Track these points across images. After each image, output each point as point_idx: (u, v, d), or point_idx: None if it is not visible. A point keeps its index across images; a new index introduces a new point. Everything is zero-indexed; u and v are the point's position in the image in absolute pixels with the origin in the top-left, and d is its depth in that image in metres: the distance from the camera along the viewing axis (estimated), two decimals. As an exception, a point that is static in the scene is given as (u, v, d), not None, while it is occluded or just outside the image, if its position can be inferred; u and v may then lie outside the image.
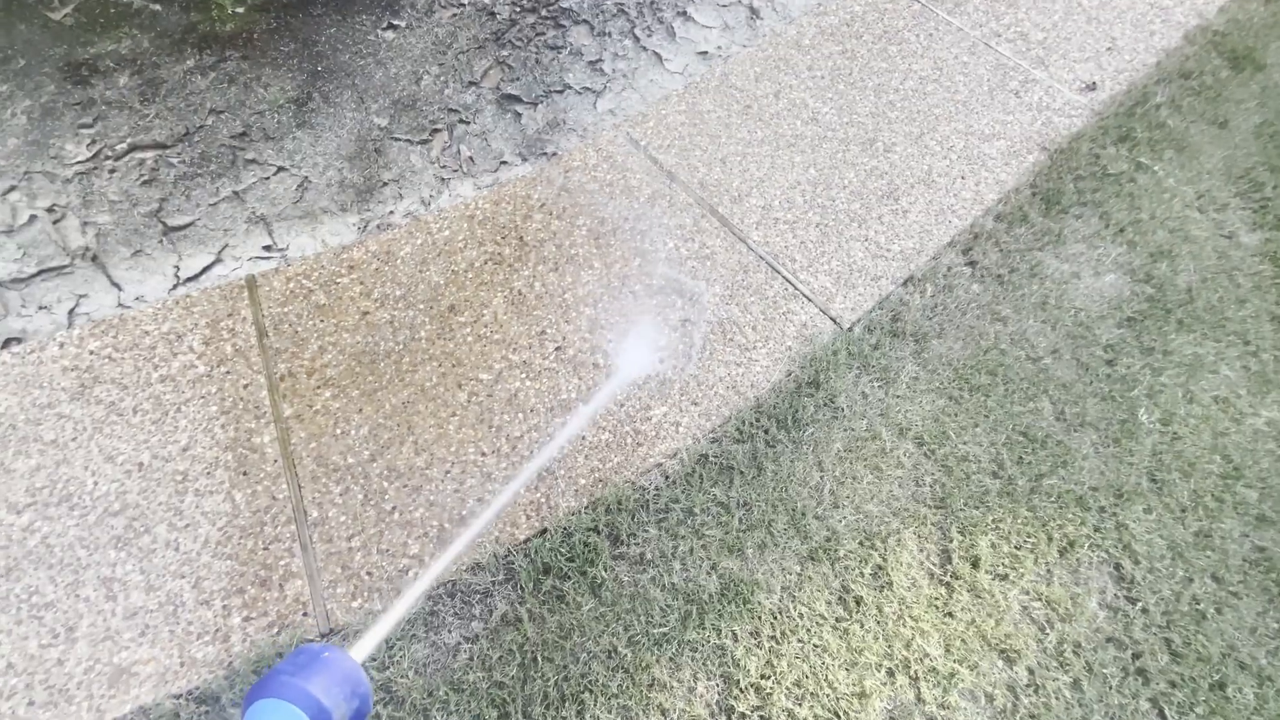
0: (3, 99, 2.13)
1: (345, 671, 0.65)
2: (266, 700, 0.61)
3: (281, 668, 0.64)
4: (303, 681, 0.62)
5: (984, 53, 2.31)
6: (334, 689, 0.63)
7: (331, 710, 0.62)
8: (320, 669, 0.64)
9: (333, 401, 1.61)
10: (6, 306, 1.76)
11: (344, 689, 0.64)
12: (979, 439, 1.60)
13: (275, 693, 0.61)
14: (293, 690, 0.61)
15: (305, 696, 0.61)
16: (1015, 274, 1.84)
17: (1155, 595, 1.43)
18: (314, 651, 0.66)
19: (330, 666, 0.65)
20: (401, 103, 2.21)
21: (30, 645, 1.33)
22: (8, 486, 1.48)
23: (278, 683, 0.62)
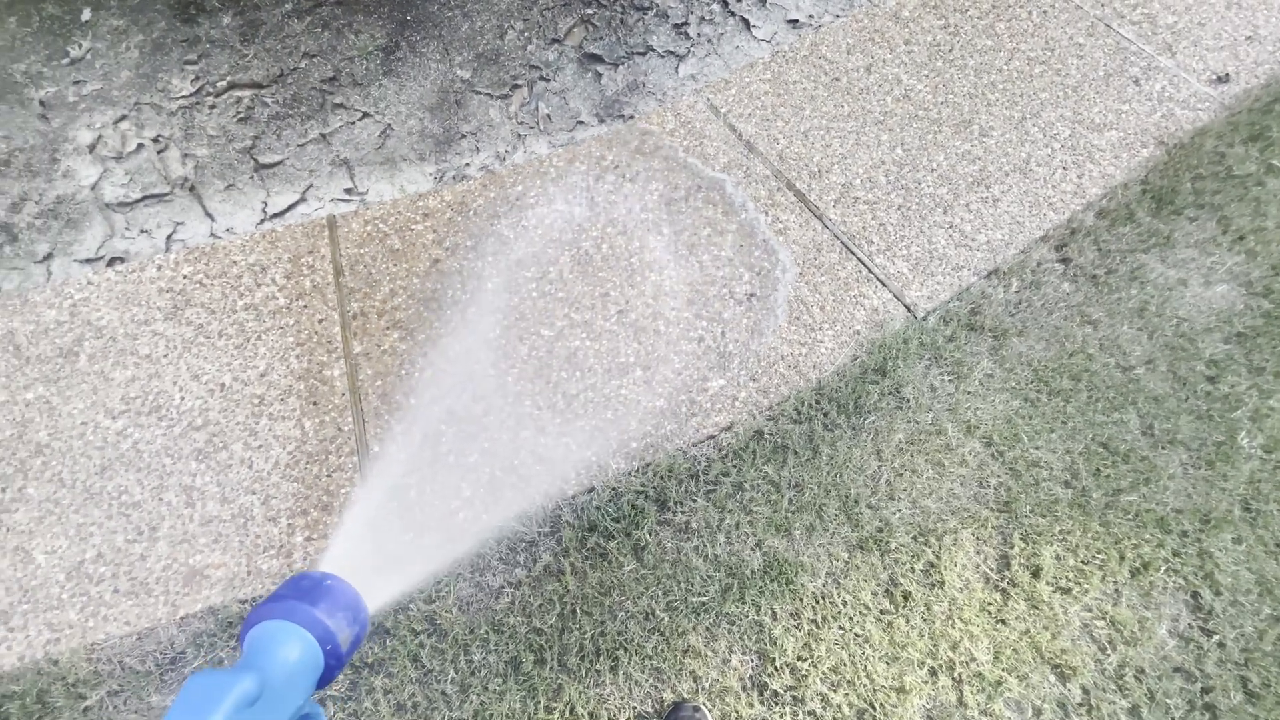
0: (118, 33, 2.26)
1: (348, 597, 0.65)
2: (273, 621, 0.60)
3: (282, 591, 0.63)
4: (308, 605, 0.61)
5: (1103, 34, 2.13)
6: (337, 613, 0.63)
7: (336, 633, 0.62)
8: (324, 594, 0.63)
9: (400, 343, 1.66)
10: (113, 227, 1.89)
11: (346, 614, 0.64)
12: (1054, 445, 1.51)
13: (282, 615, 0.60)
14: (300, 613, 0.61)
15: (312, 618, 0.60)
16: (1113, 276, 1.71)
17: (1235, 630, 1.33)
18: (316, 578, 0.66)
19: (333, 592, 0.64)
20: (485, 56, 2.22)
21: (118, 539, 1.44)
22: (106, 393, 1.60)
23: (284, 606, 0.61)
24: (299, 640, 0.60)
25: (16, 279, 1.80)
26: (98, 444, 1.54)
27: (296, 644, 0.59)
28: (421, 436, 1.54)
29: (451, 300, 1.71)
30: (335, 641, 0.61)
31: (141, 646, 1.33)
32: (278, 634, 0.60)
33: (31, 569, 1.41)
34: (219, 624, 1.34)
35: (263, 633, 0.60)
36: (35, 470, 1.51)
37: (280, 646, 0.59)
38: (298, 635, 0.60)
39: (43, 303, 1.73)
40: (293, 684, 0.58)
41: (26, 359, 1.64)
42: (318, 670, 0.61)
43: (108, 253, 1.84)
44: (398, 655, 1.31)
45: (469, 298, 1.72)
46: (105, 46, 2.22)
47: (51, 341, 1.67)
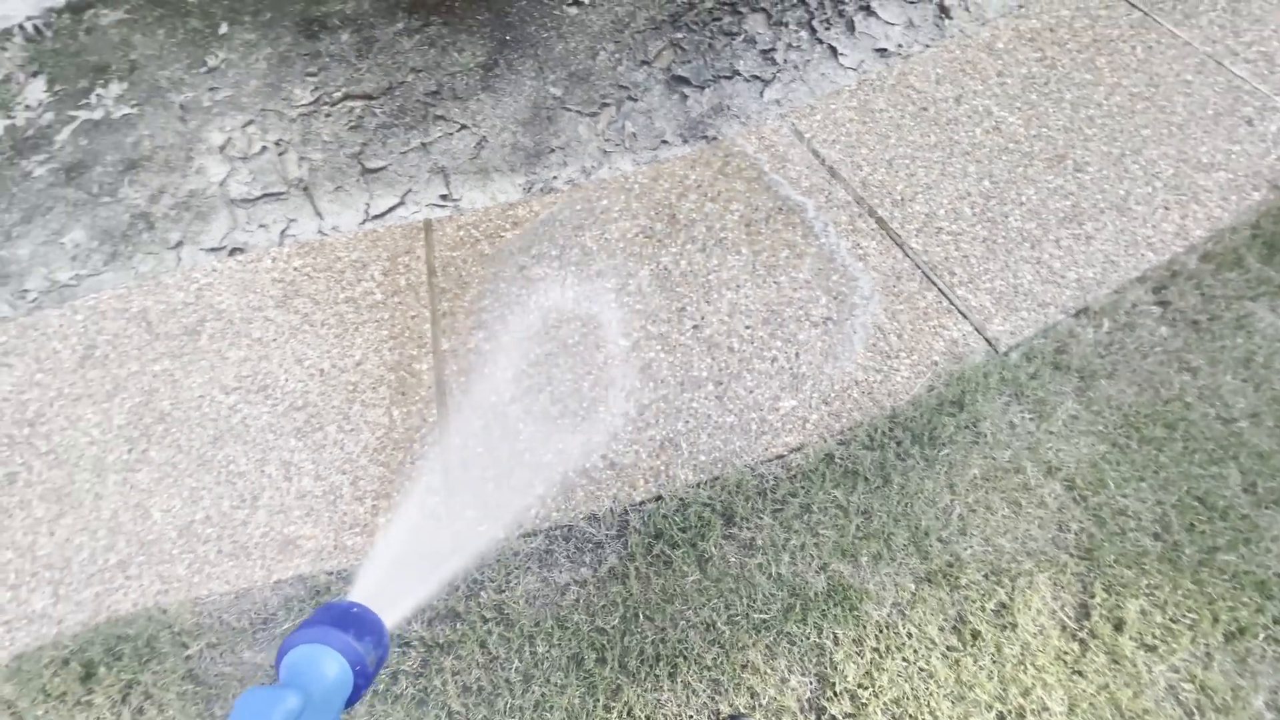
0: (250, 45, 2.49)
1: (373, 624, 0.73)
2: (310, 645, 0.68)
3: (315, 618, 0.71)
4: (340, 631, 0.69)
5: (1214, 72, 2.05)
6: (365, 638, 0.71)
7: (364, 655, 0.69)
8: (352, 621, 0.71)
9: (484, 343, 1.75)
10: (235, 220, 2.07)
11: (372, 638, 0.72)
12: (1143, 495, 1.45)
13: (318, 640, 0.68)
14: (333, 638, 0.68)
15: (344, 643, 0.68)
16: (1216, 323, 1.63)
17: (1344, 711, 1.23)
18: (344, 606, 0.74)
19: (361, 620, 0.72)
20: (576, 75, 2.33)
21: (224, 504, 1.57)
22: (222, 371, 1.75)
23: (319, 631, 0.69)
24: (334, 662, 0.67)
25: (151, 263, 2.00)
26: (212, 416, 1.68)
27: (332, 665, 0.67)
28: (500, 433, 1.62)
29: (535, 305, 1.79)
30: (364, 664, 0.69)
31: (239, 605, 1.45)
32: (315, 657, 0.67)
33: (149, 524, 1.55)
34: (308, 591, 1.44)
35: (301, 656, 0.68)
36: (158, 435, 1.66)
37: (317, 668, 0.67)
38: (333, 658, 0.68)
39: (173, 285, 1.92)
40: (329, 702, 0.66)
41: (156, 335, 1.82)
42: (348, 690, 0.68)
43: (229, 243, 2.03)
44: (467, 640, 1.37)
45: (550, 304, 1.79)
46: (238, 57, 2.45)
47: (178, 320, 1.84)
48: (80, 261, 2.02)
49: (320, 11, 2.54)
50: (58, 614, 1.46)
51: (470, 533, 1.49)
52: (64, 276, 2.00)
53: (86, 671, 1.37)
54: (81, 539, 1.54)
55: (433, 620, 1.41)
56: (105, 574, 1.50)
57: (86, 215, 2.11)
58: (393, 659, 1.36)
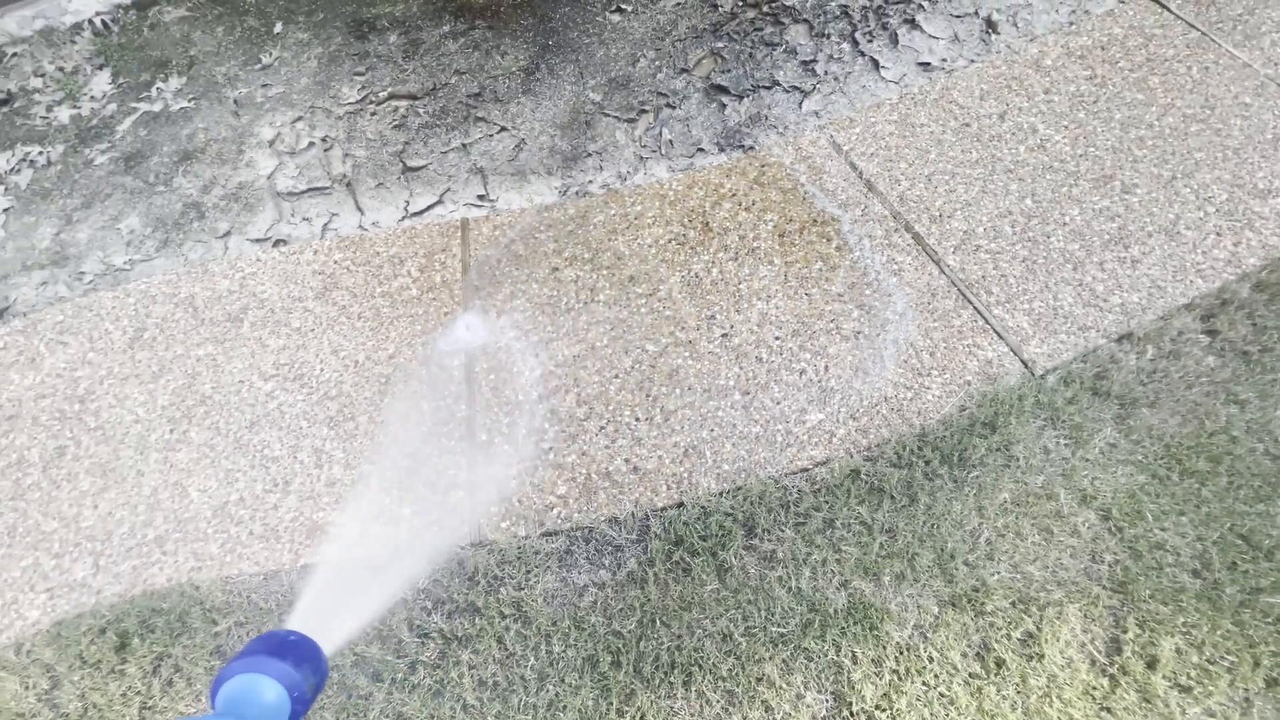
0: (302, 45, 2.57)
1: (310, 650, 0.75)
2: (247, 675, 0.69)
3: (252, 648, 0.73)
4: (276, 659, 0.70)
5: (1275, 95, 1.97)
6: (303, 664, 0.72)
7: (303, 681, 0.71)
8: (289, 649, 0.73)
9: (514, 342, 1.77)
10: (281, 213, 2.14)
11: (310, 665, 0.73)
12: (1183, 530, 1.40)
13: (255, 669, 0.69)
14: (270, 666, 0.70)
15: (280, 670, 0.70)
16: (1268, 355, 1.57)
17: (1394, 770, 1.17)
18: (281, 635, 0.75)
19: (297, 647, 0.74)
20: (616, 81, 2.35)
21: (257, 488, 1.62)
22: (261, 358, 1.81)
23: (255, 660, 0.70)
24: (270, 689, 0.69)
25: (200, 251, 2.08)
26: (250, 401, 1.74)
27: (268, 692, 0.69)
28: (525, 432, 1.64)
29: (565, 307, 1.81)
30: (301, 689, 0.71)
31: (267, 586, 1.49)
32: (250, 685, 0.69)
33: (186, 503, 1.61)
34: (333, 577, 1.48)
35: (236, 687, 0.69)
36: (198, 417, 1.72)
37: (255, 696, 0.69)
38: (269, 685, 0.69)
39: (219, 273, 1.98)
40: None
41: (202, 320, 1.89)
42: (285, 715, 0.70)
43: (274, 235, 2.09)
44: (485, 635, 1.39)
45: (581, 306, 1.81)
46: (290, 56, 2.53)
47: (223, 307, 1.90)
48: (134, 247, 2.11)
49: (370, 13, 2.62)
50: (97, 584, 1.52)
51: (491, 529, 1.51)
52: (119, 261, 2.08)
53: (121, 642, 1.42)
54: (123, 513, 1.60)
55: (452, 613, 1.43)
56: (143, 548, 1.56)
57: (142, 203, 2.20)
58: (411, 649, 1.38)
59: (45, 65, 2.58)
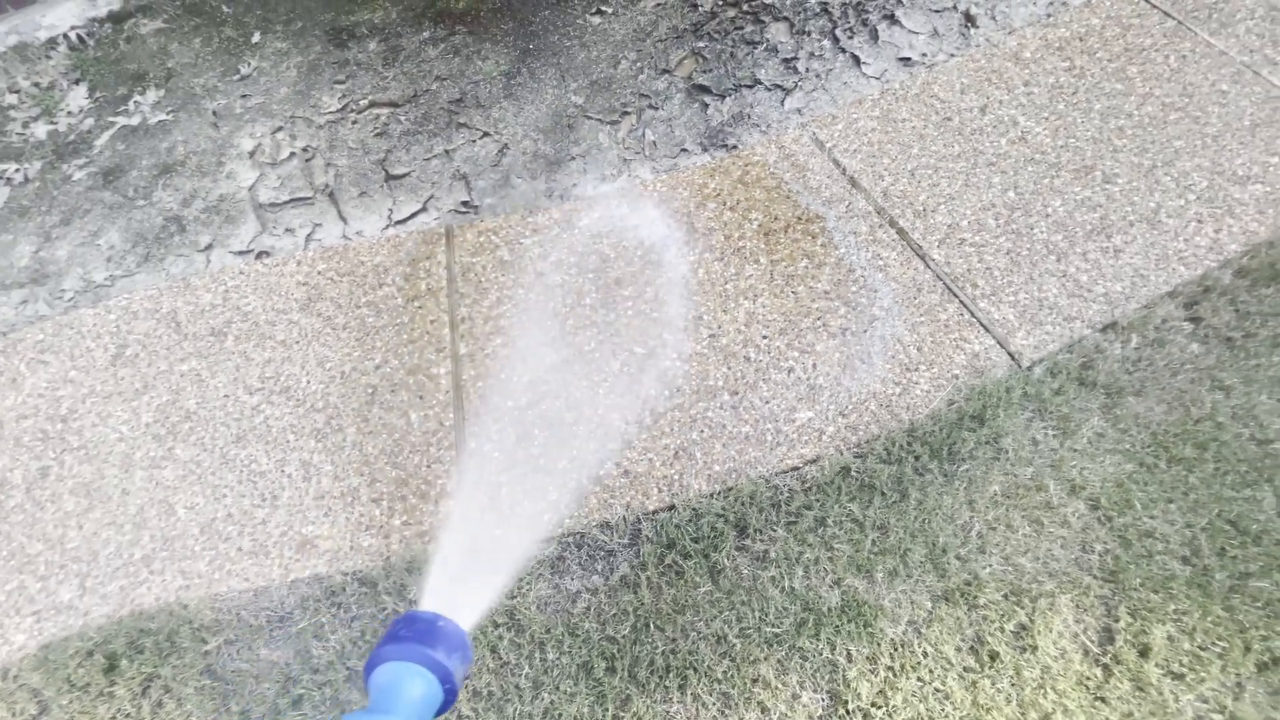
0: (281, 54, 2.55)
1: (459, 638, 0.73)
2: (401, 664, 0.68)
3: (402, 632, 0.71)
4: (428, 647, 0.69)
5: (1251, 82, 1.99)
6: (453, 654, 0.71)
7: (453, 672, 0.70)
8: (439, 636, 0.71)
9: (502, 348, 1.77)
10: (263, 224, 2.12)
11: (459, 653, 0.72)
12: (1172, 517, 1.40)
13: (408, 658, 0.68)
14: (423, 655, 0.69)
15: (433, 661, 0.69)
16: (1252, 340, 1.58)
17: (1385, 750, 1.18)
18: (429, 619, 0.74)
19: (447, 634, 0.72)
20: (598, 84, 2.34)
21: (245, 503, 1.60)
22: (246, 371, 1.79)
23: (407, 648, 0.69)
24: (424, 681, 0.68)
25: (182, 265, 2.06)
26: (235, 416, 1.72)
27: (422, 684, 0.68)
28: (515, 438, 1.63)
29: (552, 312, 1.81)
30: (453, 681, 0.70)
31: (257, 602, 1.47)
32: (405, 676, 0.68)
33: (173, 520, 1.59)
34: (323, 591, 1.46)
35: (391, 674, 0.68)
36: (183, 433, 1.70)
37: (409, 688, 0.68)
38: (423, 677, 0.68)
39: (201, 287, 1.96)
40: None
41: (184, 335, 1.87)
42: (437, 706, 0.69)
43: (257, 247, 2.07)
44: (478, 644, 1.38)
45: (568, 310, 1.80)
46: (269, 65, 2.51)
47: (206, 321, 1.89)
48: (115, 263, 2.08)
49: (349, 21, 2.60)
50: (84, 606, 1.50)
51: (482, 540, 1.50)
52: (99, 277, 2.06)
53: (109, 664, 1.40)
54: (108, 533, 1.58)
55: (445, 623, 1.42)
56: (130, 568, 1.54)
57: (122, 218, 2.18)
58: (405, 661, 1.37)
59: (20, 81, 2.55)
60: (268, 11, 2.67)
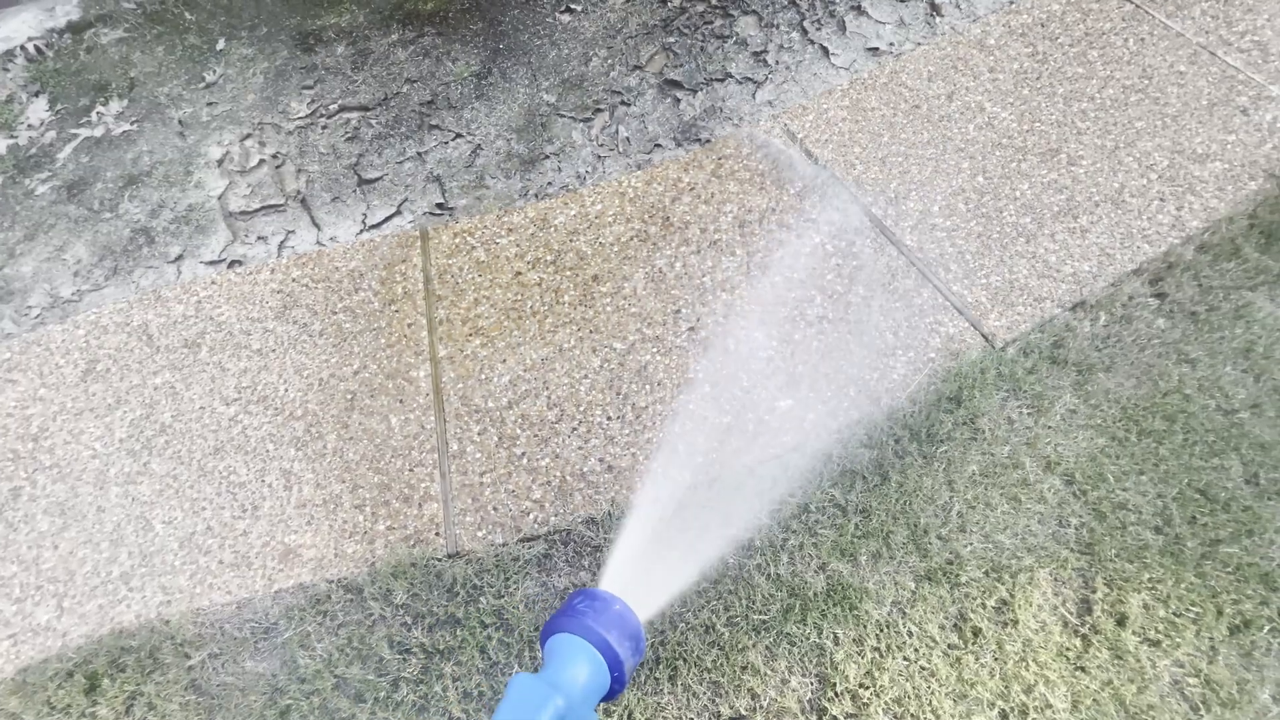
0: (247, 60, 2.52)
1: (635, 628, 0.71)
2: (580, 640, 0.66)
3: (583, 606, 0.69)
4: (607, 631, 0.67)
5: (1208, 63, 2.04)
6: (626, 642, 0.68)
7: (624, 662, 0.68)
8: (618, 622, 0.69)
9: (481, 349, 1.76)
10: (235, 233, 2.09)
11: (633, 643, 0.69)
12: (1144, 488, 1.44)
13: (587, 635, 0.66)
14: (602, 639, 0.66)
15: (610, 647, 0.67)
16: (1215, 314, 1.62)
17: (1352, 704, 1.21)
18: (608, 600, 0.71)
19: (626, 622, 0.70)
20: (570, 82, 2.34)
21: (225, 515, 1.58)
22: (222, 382, 1.77)
23: (588, 627, 0.67)
24: (598, 666, 0.67)
25: (152, 277, 2.02)
26: (212, 427, 1.70)
27: (596, 668, 0.67)
28: (498, 438, 1.62)
29: (530, 311, 1.80)
30: (623, 671, 0.68)
31: (240, 614, 1.45)
32: (581, 655, 0.66)
33: (151, 536, 1.56)
34: (308, 600, 1.45)
35: (568, 646, 0.67)
36: (159, 447, 1.68)
37: (582, 667, 0.66)
38: (597, 662, 0.67)
39: (173, 298, 1.93)
40: (587, 703, 0.65)
41: (157, 348, 1.84)
42: (603, 693, 0.68)
43: (229, 256, 2.04)
44: (467, 645, 1.37)
45: (547, 309, 1.80)
46: (235, 72, 2.48)
47: (179, 333, 1.86)
48: (82, 277, 2.04)
49: (315, 25, 2.57)
50: (62, 626, 1.47)
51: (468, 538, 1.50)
52: (66, 292, 2.02)
53: (90, 684, 1.38)
54: (85, 552, 1.55)
55: (432, 626, 1.41)
56: (108, 586, 1.51)
57: (88, 231, 2.14)
58: (393, 666, 1.37)
59: (-23, 95, 2.49)
60: (231, 18, 2.63)
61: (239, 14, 2.63)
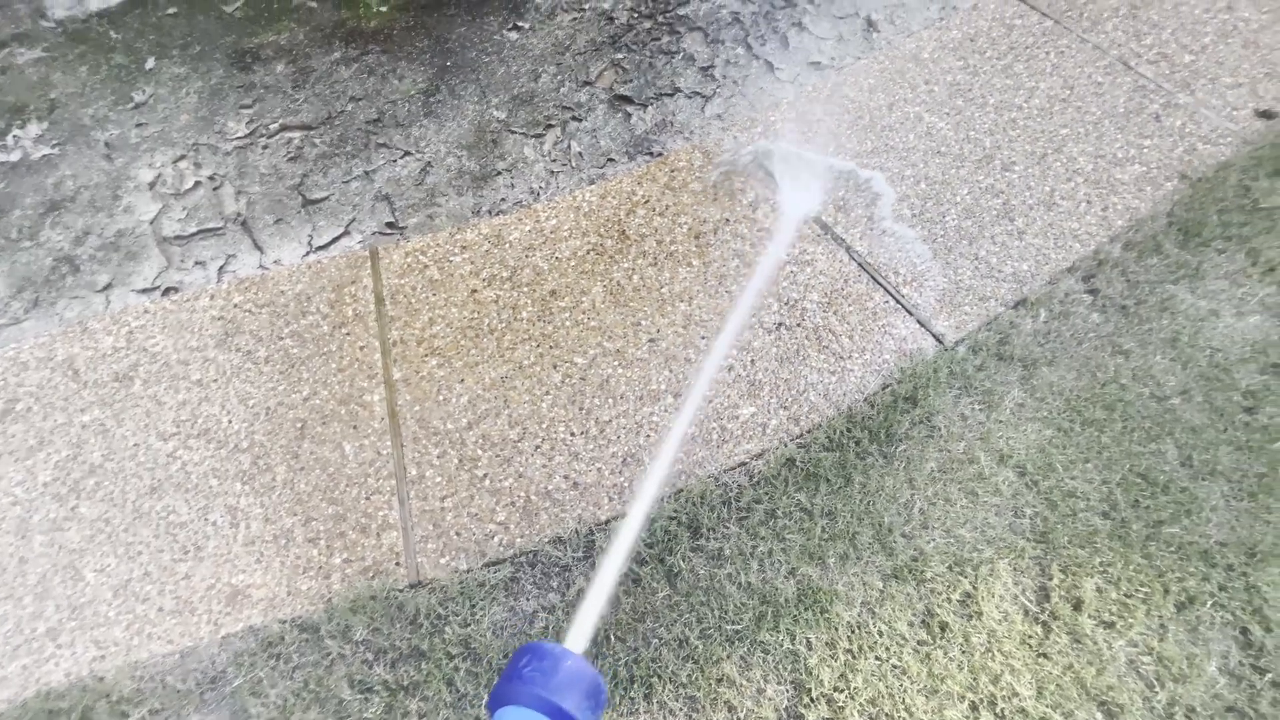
0: (179, 80, 2.42)
1: (590, 680, 0.65)
2: (521, 710, 0.61)
3: (528, 673, 0.63)
4: (560, 699, 0.61)
5: (1122, 73, 2.18)
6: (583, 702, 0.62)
7: None
8: (567, 681, 0.63)
9: (438, 370, 1.71)
10: (169, 259, 1.99)
11: (590, 701, 0.63)
12: (1090, 476, 1.50)
13: (530, 703, 0.61)
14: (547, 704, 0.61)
15: (559, 712, 0.61)
16: (1143, 306, 1.72)
17: (1289, 669, 1.28)
18: (557, 657, 0.65)
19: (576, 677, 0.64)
20: (520, 98, 2.33)
21: (164, 558, 1.48)
22: (158, 416, 1.67)
23: (530, 693, 0.61)
24: None
25: (77, 308, 1.90)
26: (149, 465, 1.59)
27: None
28: (458, 461, 1.58)
29: (488, 329, 1.77)
30: None
31: (184, 665, 1.36)
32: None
33: (81, 587, 1.45)
34: (259, 644, 1.37)
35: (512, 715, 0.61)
36: (88, 490, 1.56)
37: None
38: None
39: (101, 330, 1.82)
40: None
41: (84, 383, 1.72)
42: None
43: (164, 283, 1.94)
44: (433, 679, 1.31)
45: (504, 326, 1.77)
46: (167, 92, 2.38)
47: (109, 367, 1.74)
48: (-2, 311, 1.90)
49: (253, 43, 2.49)
50: (-21, 693, 1.34)
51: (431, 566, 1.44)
52: (-20, 328, 1.87)
53: (13, 753, 1.26)
54: (5, 608, 1.43)
55: (395, 662, 1.35)
56: (33, 644, 1.39)
57: (4, 262, 2.00)
58: (354, 708, 1.30)
59: (-126, 119, 2.31)
60: (162, 36, 2.52)
61: (169, 32, 2.53)
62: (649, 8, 2.55)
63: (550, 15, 2.56)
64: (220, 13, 2.60)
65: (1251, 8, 2.33)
